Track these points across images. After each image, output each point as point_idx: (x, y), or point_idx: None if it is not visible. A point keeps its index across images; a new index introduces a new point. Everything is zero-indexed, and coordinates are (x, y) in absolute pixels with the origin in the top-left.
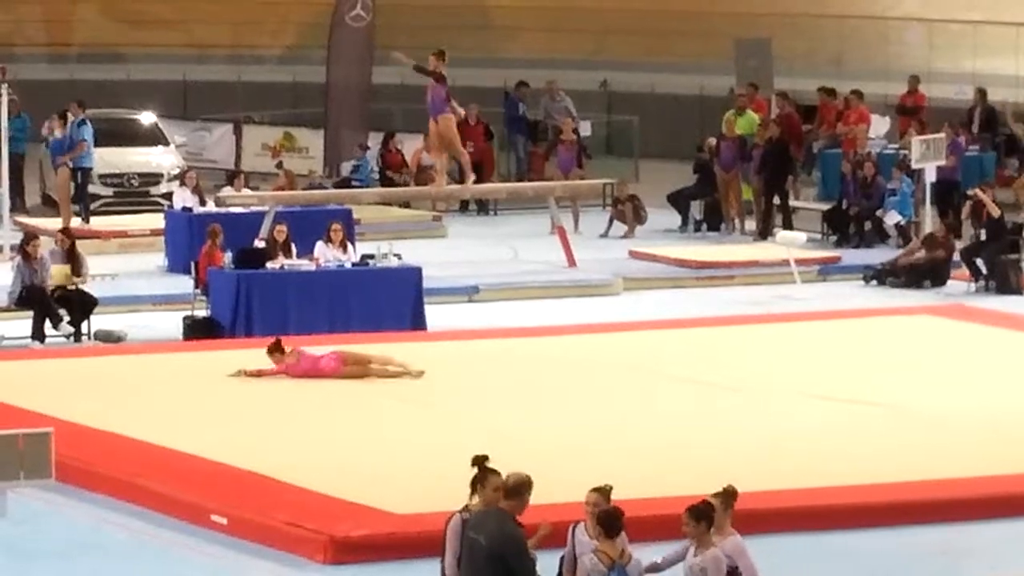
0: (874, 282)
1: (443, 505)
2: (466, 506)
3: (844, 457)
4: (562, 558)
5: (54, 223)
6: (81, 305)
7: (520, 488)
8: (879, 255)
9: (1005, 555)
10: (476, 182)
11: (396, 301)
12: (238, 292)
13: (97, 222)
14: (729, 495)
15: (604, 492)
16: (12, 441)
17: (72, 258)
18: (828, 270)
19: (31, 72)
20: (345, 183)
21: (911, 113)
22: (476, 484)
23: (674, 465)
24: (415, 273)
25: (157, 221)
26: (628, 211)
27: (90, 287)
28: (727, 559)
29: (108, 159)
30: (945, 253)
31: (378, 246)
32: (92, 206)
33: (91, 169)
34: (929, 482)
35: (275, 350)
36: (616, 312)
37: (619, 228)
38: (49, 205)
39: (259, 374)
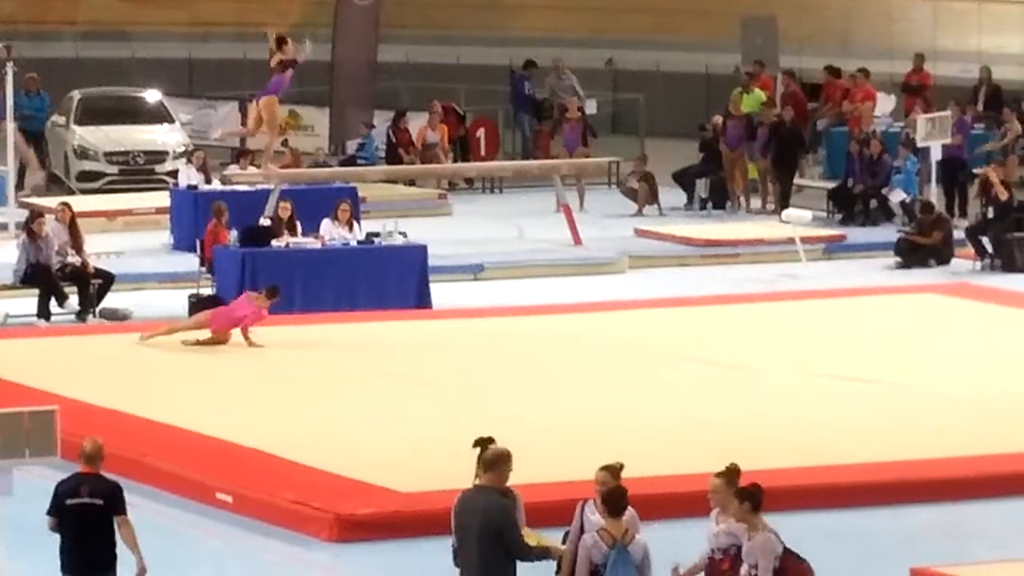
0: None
1: (448, 484)
2: (476, 485)
3: (848, 436)
4: (566, 534)
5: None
6: (99, 285)
7: (499, 460)
8: (884, 233)
9: (1009, 535)
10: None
11: (401, 279)
12: (243, 270)
13: (102, 200)
14: (732, 473)
15: (613, 470)
16: (18, 419)
17: (73, 231)
18: (833, 248)
19: (36, 50)
20: (350, 161)
21: (916, 91)
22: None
23: (678, 444)
24: (420, 251)
25: (162, 199)
26: (644, 190)
27: (96, 265)
28: (732, 538)
29: (113, 137)
30: (942, 233)
31: (383, 224)
32: (98, 183)
33: (42, 133)
34: (933, 461)
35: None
36: (621, 290)
37: (640, 206)
38: (55, 183)
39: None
